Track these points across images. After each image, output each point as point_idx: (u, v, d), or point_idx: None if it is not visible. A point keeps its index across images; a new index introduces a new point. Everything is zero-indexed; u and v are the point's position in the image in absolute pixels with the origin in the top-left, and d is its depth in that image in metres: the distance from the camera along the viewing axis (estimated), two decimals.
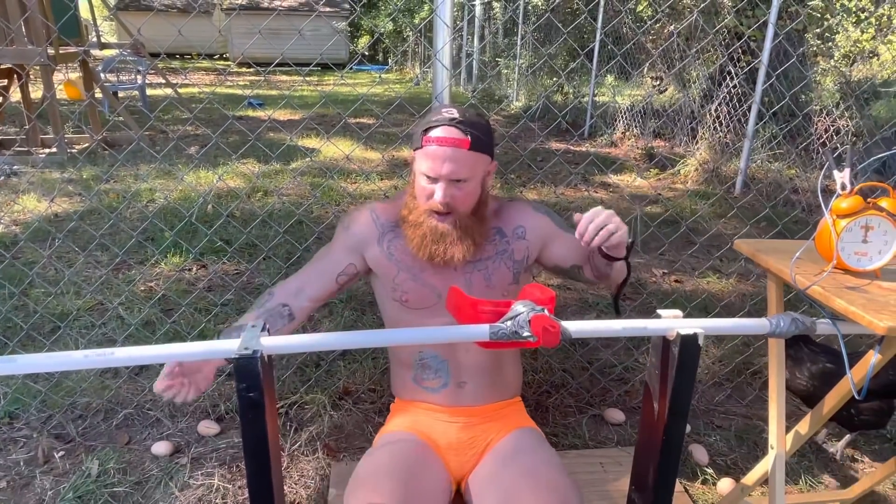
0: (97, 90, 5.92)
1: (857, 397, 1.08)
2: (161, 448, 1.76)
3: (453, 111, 1.20)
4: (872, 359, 1.05)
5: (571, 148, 6.46)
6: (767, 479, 1.31)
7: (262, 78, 11.22)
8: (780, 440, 1.27)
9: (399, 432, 1.32)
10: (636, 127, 6.42)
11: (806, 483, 1.76)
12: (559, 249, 1.34)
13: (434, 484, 1.20)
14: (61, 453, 1.75)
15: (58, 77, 6.64)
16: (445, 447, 1.30)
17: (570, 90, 8.20)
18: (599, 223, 1.06)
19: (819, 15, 5.75)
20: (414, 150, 1.24)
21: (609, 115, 6.86)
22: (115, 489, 1.62)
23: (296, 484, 1.67)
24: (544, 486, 1.14)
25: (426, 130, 1.19)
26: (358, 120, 7.63)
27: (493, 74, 10.42)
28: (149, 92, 7.95)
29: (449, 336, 1.02)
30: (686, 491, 1.69)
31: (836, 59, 6.56)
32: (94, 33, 7.50)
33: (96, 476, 1.66)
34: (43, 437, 1.79)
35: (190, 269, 2.93)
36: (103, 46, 7.56)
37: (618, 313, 1.38)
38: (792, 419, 1.28)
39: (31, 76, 7.06)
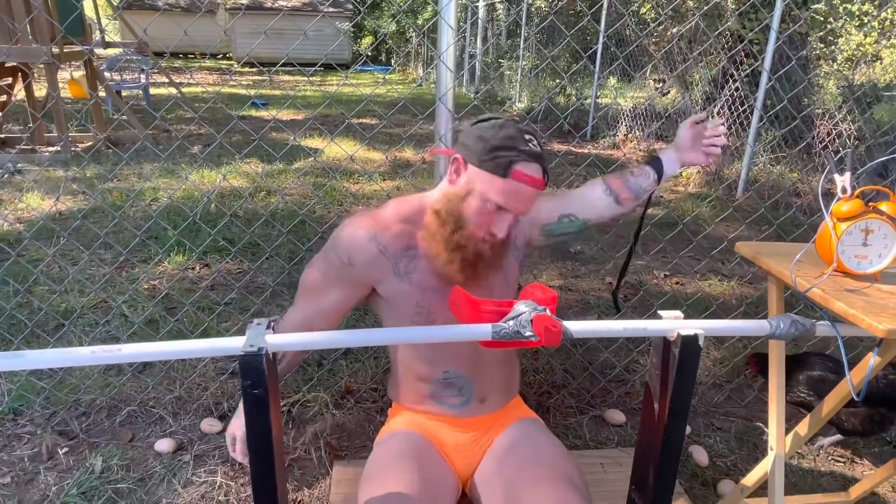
0: (101, 89, 5.94)
1: (856, 399, 1.08)
2: (164, 445, 1.77)
3: (534, 142, 1.12)
4: (871, 361, 1.06)
5: (574, 149, 6.47)
6: (767, 481, 1.31)
7: (266, 78, 11.24)
8: (779, 442, 1.27)
9: (404, 430, 1.29)
10: (638, 129, 6.43)
11: (805, 485, 1.76)
12: (543, 211, 1.31)
13: (443, 478, 1.20)
14: (65, 450, 1.76)
15: (62, 76, 6.67)
16: (452, 449, 1.29)
17: (573, 92, 8.20)
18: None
19: (822, 18, 5.75)
20: (479, 167, 1.10)
21: (611, 117, 6.87)
22: (118, 486, 1.63)
23: (298, 482, 1.68)
24: (547, 472, 1.14)
25: (513, 162, 1.08)
26: (361, 121, 7.64)
27: (495, 76, 10.43)
28: (153, 91, 7.97)
29: (451, 335, 1.02)
30: (686, 492, 1.70)
31: (838, 62, 6.56)
32: (98, 32, 7.53)
33: (100, 473, 1.67)
34: (47, 434, 1.81)
35: (193, 268, 2.94)
36: (107, 45, 7.58)
37: (617, 308, 1.40)
38: (791, 421, 1.29)
39: (36, 75, 7.08)
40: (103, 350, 0.92)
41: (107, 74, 6.95)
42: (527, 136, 1.11)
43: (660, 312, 1.05)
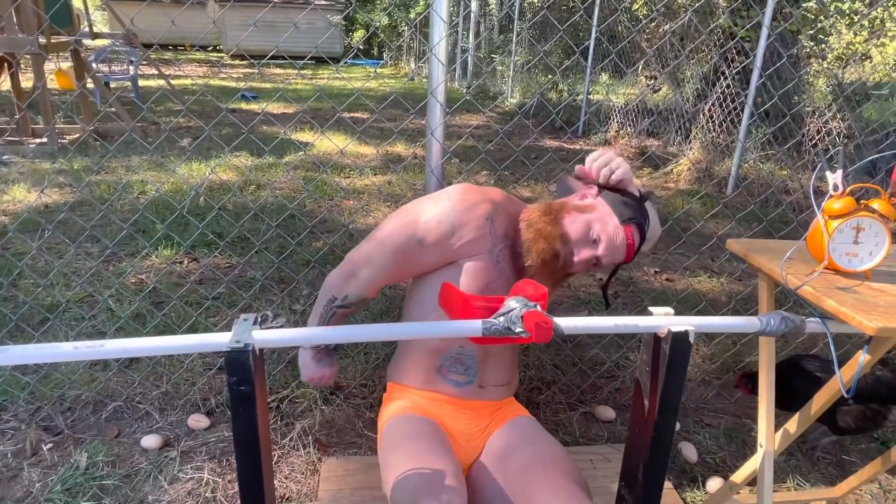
0: (89, 80, 5.86)
1: (846, 396, 1.09)
2: (151, 441, 1.75)
3: (645, 232, 1.24)
4: (861, 359, 1.06)
5: (565, 145, 6.47)
6: (756, 478, 1.32)
7: (256, 70, 11.16)
8: (768, 438, 1.27)
9: (410, 414, 1.29)
10: (630, 125, 6.44)
11: (794, 481, 1.77)
12: None
13: (454, 465, 1.21)
14: (49, 445, 1.74)
15: (49, 66, 6.57)
16: (455, 432, 1.30)
17: (565, 88, 8.20)
18: (603, 161, 1.23)
19: (813, 17, 5.78)
20: (609, 205, 1.22)
21: (603, 113, 6.87)
22: (103, 482, 1.61)
23: (286, 478, 1.67)
24: (555, 470, 1.16)
25: (633, 220, 1.20)
26: (352, 115, 7.61)
27: (488, 71, 10.41)
28: (142, 83, 7.89)
29: (442, 331, 1.01)
30: (675, 488, 1.70)
31: (828, 60, 6.59)
32: (86, 23, 7.43)
33: (85, 469, 1.65)
34: (31, 430, 1.78)
35: (181, 262, 2.91)
36: (95, 36, 7.48)
37: (607, 305, 1.41)
38: (780, 417, 1.29)
39: (22, 65, 6.98)
40: (86, 346, 0.91)
41: (95, 66, 6.87)
42: (650, 222, 1.26)
43: (650, 309, 1.04)
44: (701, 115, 5.46)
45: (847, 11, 6.68)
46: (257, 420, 0.92)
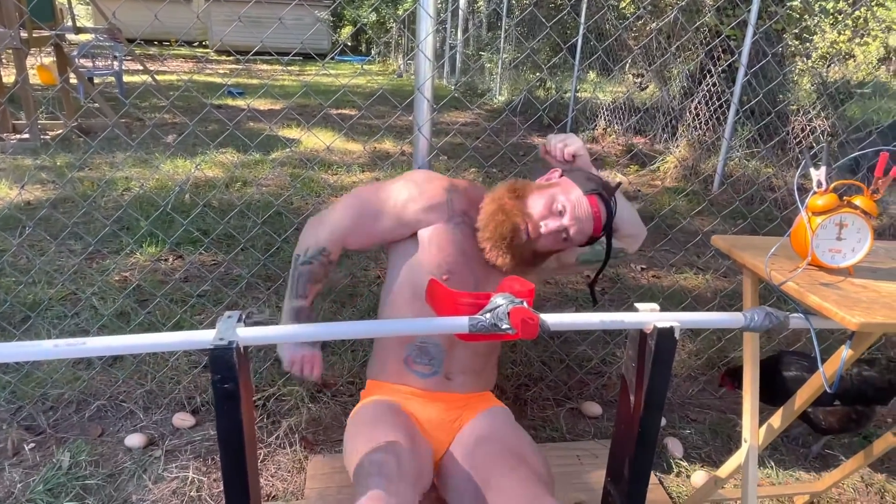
0: (72, 75, 5.78)
1: (829, 391, 1.10)
2: (135, 440, 1.73)
3: (613, 208, 1.28)
4: (843, 354, 1.07)
5: None
6: (741, 472, 1.33)
7: (242, 66, 11.06)
8: (753, 433, 1.28)
9: (382, 399, 1.31)
10: (617, 123, 6.46)
11: (778, 476, 1.79)
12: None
13: (424, 447, 1.21)
14: (31, 445, 1.72)
15: (31, 61, 6.48)
16: (425, 421, 1.31)
17: (553, 85, 8.21)
18: (560, 138, 1.34)
19: (798, 16, 5.83)
20: (572, 179, 1.26)
21: (590, 111, 6.89)
22: (86, 482, 1.59)
23: (272, 477, 1.66)
24: (514, 462, 1.16)
25: (597, 192, 1.24)
26: (340, 111, 7.57)
27: (476, 68, 10.40)
28: (127, 79, 7.80)
29: (429, 328, 1.01)
30: (661, 483, 1.71)
31: (813, 59, 6.66)
32: (69, 17, 7.32)
33: (67, 468, 1.63)
34: (12, 429, 1.76)
35: (166, 260, 2.88)
36: (79, 31, 7.38)
37: (594, 301, 1.42)
38: (765, 413, 1.30)
39: (3, 60, 6.88)
40: (67, 344, 0.89)
41: (78, 60, 6.77)
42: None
43: (636, 305, 1.05)
44: (687, 113, 5.49)
45: (831, 11, 6.75)
46: (242, 418, 0.92)
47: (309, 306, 1.34)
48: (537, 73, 8.35)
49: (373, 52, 16.55)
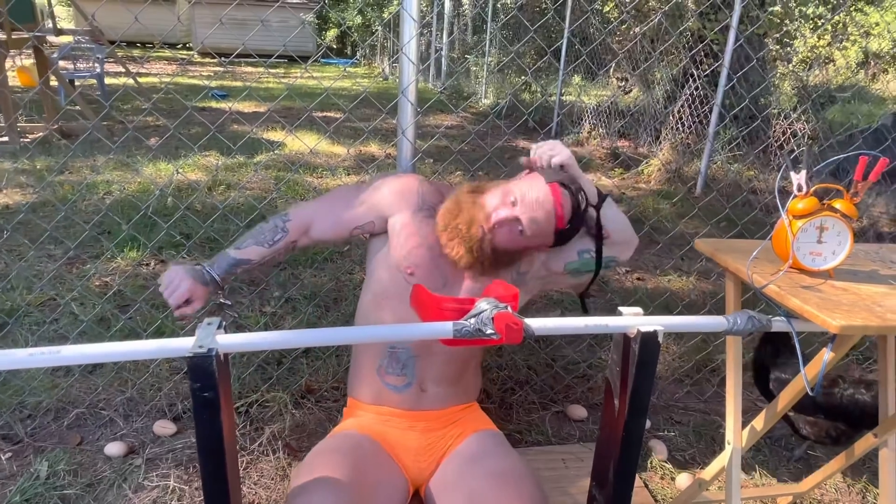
0: (52, 78, 5.71)
1: (810, 393, 1.10)
2: (114, 449, 1.70)
3: (584, 207, 1.25)
4: (825, 356, 1.08)
5: None
6: (725, 474, 1.33)
7: (226, 69, 10.99)
8: (736, 435, 1.29)
9: (351, 431, 1.28)
10: (602, 126, 6.50)
11: (762, 477, 1.80)
12: (565, 248, 1.35)
13: (386, 482, 1.19)
14: (8, 455, 1.68)
15: (10, 64, 6.38)
16: (402, 450, 1.27)
17: (538, 89, 8.25)
18: (547, 148, 1.27)
19: (779, 20, 5.90)
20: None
21: (575, 115, 6.93)
22: (65, 491, 1.56)
23: (255, 484, 1.64)
24: (512, 487, 1.14)
25: (560, 183, 1.21)
26: (325, 114, 7.54)
27: (461, 71, 10.42)
28: (109, 81, 7.71)
29: (413, 334, 1.00)
30: (646, 486, 1.71)
31: (794, 63, 6.75)
32: (49, 19, 7.22)
33: (45, 478, 1.60)
34: None
35: (148, 264, 2.85)
36: (59, 32, 7.27)
37: (585, 311, 1.41)
38: (748, 414, 1.31)
39: None
40: (41, 352, 0.87)
41: (60, 63, 6.68)
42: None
43: (620, 309, 1.05)
44: (671, 117, 5.54)
45: (811, 16, 6.85)
46: (222, 426, 0.90)
47: (235, 259, 1.33)
48: (522, 77, 8.38)
49: (358, 55, 16.52)
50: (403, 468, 1.25)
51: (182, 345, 0.88)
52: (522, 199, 1.18)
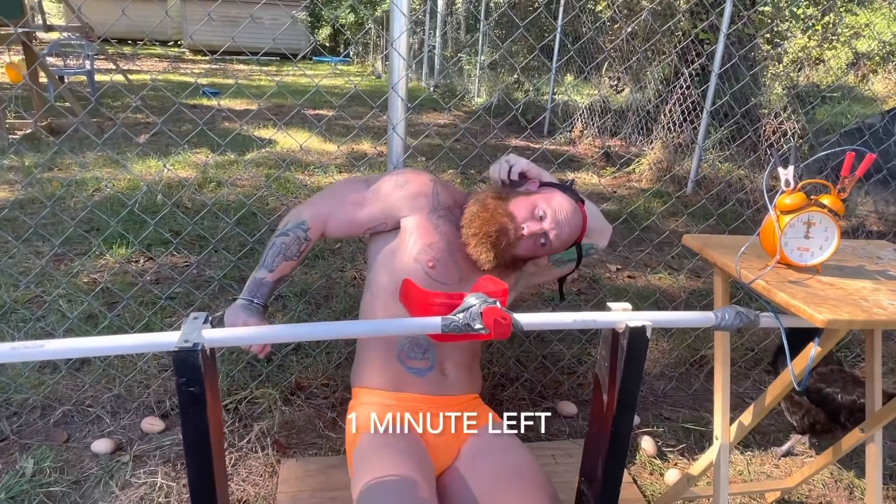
0: (42, 74, 5.65)
1: (797, 388, 1.11)
2: (102, 446, 1.69)
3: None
4: (812, 351, 1.08)
5: (531, 145, 6.50)
6: (713, 469, 1.34)
7: (217, 66, 10.92)
8: (724, 431, 1.29)
9: (380, 427, 1.24)
10: (594, 125, 6.51)
11: (750, 473, 1.81)
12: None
13: (428, 473, 1.19)
14: None
15: (2, 59, 6.31)
16: (432, 441, 1.28)
17: (531, 87, 8.25)
18: (500, 167, 1.36)
19: (769, 20, 5.93)
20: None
21: (567, 114, 6.94)
22: (51, 489, 1.55)
23: (243, 481, 1.63)
24: (529, 482, 1.16)
25: (584, 203, 1.34)
26: (317, 112, 7.51)
27: (454, 69, 10.40)
28: (99, 78, 7.64)
29: (401, 328, 1.00)
30: (634, 481, 1.72)
31: (784, 63, 6.78)
32: (39, 14, 7.15)
33: (31, 475, 1.58)
34: None
35: (136, 262, 2.83)
36: (49, 28, 7.20)
37: (562, 298, 1.44)
38: (736, 410, 1.31)
39: None
40: (25, 346, 0.86)
41: (49, 59, 6.62)
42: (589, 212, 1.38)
43: (608, 304, 1.05)
44: (662, 117, 5.55)
45: (801, 16, 6.88)
46: (208, 422, 0.89)
47: (273, 282, 1.33)
48: (515, 76, 8.38)
49: (350, 53, 16.46)
50: (432, 457, 1.26)
51: (167, 339, 0.88)
52: (551, 216, 1.26)
